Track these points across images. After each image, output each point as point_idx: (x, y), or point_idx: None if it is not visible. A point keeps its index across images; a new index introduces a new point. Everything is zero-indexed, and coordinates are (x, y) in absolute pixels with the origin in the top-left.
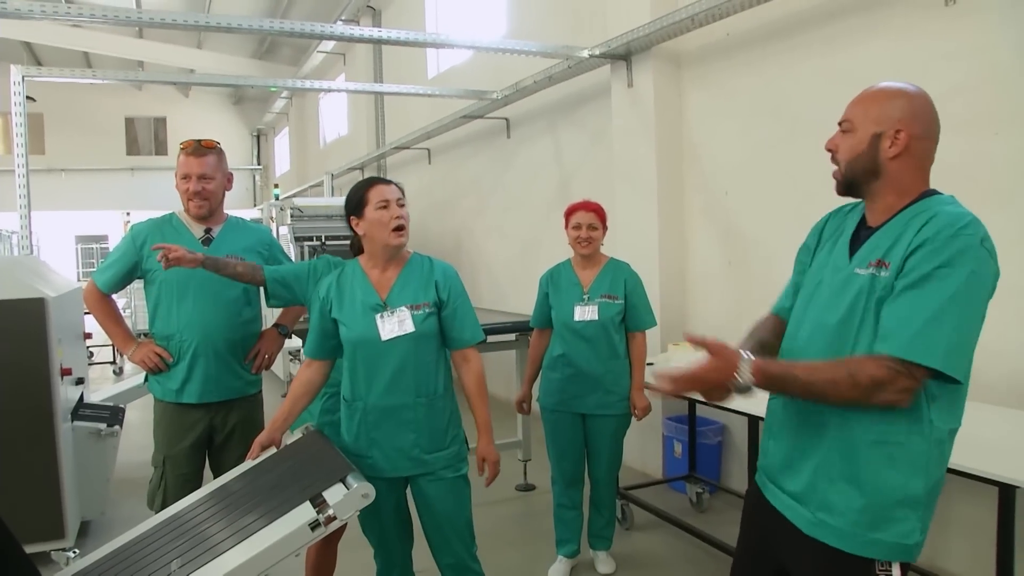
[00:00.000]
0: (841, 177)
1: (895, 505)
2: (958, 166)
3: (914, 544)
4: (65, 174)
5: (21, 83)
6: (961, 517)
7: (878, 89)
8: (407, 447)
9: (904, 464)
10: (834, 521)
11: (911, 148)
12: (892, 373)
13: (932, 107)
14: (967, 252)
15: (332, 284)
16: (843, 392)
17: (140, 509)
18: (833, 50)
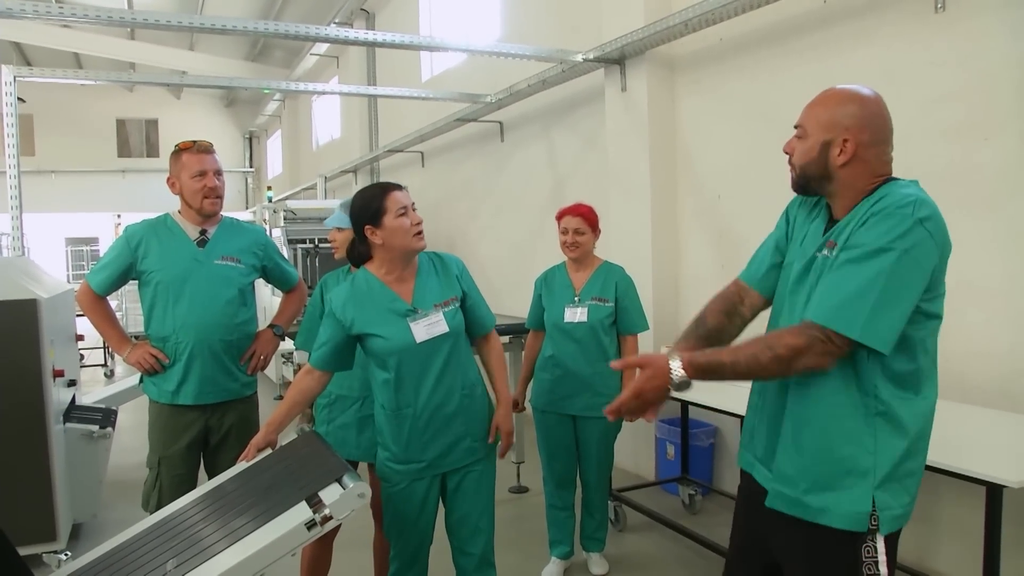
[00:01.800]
0: (795, 178)
1: (843, 474)
2: (948, 172)
3: (867, 513)
4: (55, 176)
5: (12, 83)
6: (949, 517)
7: (830, 94)
8: (460, 439)
9: (851, 435)
10: (789, 491)
11: (860, 155)
12: (810, 340)
13: (883, 112)
14: (905, 232)
15: (347, 302)
16: (765, 364)
17: (132, 511)
18: (824, 56)
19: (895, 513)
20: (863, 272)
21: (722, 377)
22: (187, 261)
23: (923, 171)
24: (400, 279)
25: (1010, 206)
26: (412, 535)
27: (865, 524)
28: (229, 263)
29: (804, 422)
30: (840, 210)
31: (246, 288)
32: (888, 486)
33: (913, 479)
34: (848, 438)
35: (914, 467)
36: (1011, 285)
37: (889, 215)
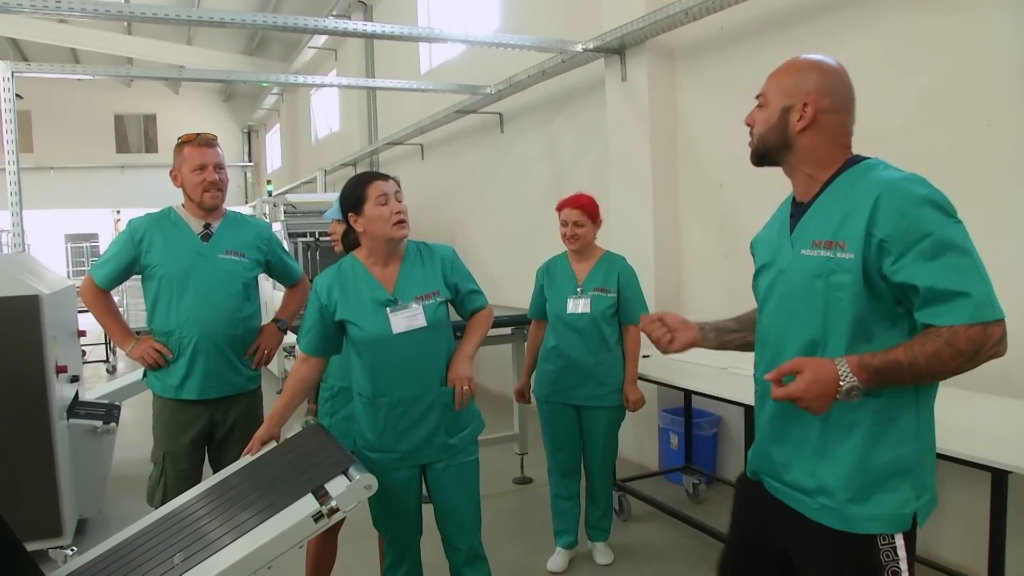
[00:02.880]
0: (753, 147)
1: (885, 477)
2: (950, 158)
3: (910, 512)
4: (54, 172)
5: (10, 79)
6: (954, 504)
7: (791, 62)
8: (434, 434)
9: (892, 435)
10: (833, 503)
11: (820, 121)
12: (981, 332)
13: (845, 80)
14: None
15: (332, 285)
16: (948, 361)
17: (137, 506)
18: (826, 43)
19: (923, 503)
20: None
21: (899, 380)
22: (191, 255)
23: (925, 157)
24: (384, 267)
25: (1013, 192)
26: (398, 526)
27: (908, 524)
28: (233, 257)
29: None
30: (801, 188)
31: (250, 282)
32: (921, 481)
33: (933, 467)
34: (900, 438)
35: (933, 450)
36: (1014, 271)
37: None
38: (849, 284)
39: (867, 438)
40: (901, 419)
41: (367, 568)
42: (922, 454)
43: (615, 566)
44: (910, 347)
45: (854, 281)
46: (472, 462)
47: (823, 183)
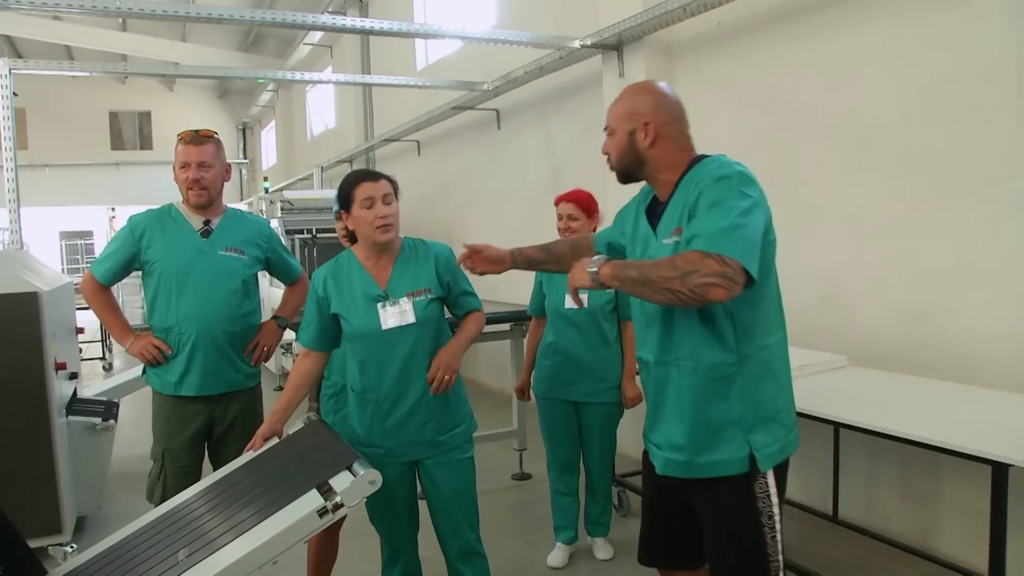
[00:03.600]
0: (616, 172)
1: (720, 428)
2: (949, 153)
3: (746, 455)
4: (49, 169)
5: (8, 76)
6: (953, 497)
7: (624, 92)
8: (421, 431)
9: (721, 393)
10: (680, 456)
11: (662, 133)
12: (702, 257)
13: (669, 95)
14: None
15: (328, 278)
16: (662, 268)
17: (136, 503)
18: (824, 39)
19: (771, 450)
20: (728, 214)
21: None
22: (191, 252)
23: (923, 153)
24: (378, 263)
25: (1011, 187)
26: (392, 523)
27: (747, 465)
28: (233, 254)
29: (683, 391)
30: (661, 189)
31: (249, 279)
32: (761, 427)
33: (785, 414)
34: (720, 395)
35: (782, 404)
36: (1013, 266)
37: (721, 178)
38: None
39: (695, 398)
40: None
41: (369, 564)
42: (753, 404)
43: (615, 561)
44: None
45: None
46: (465, 460)
47: (675, 183)
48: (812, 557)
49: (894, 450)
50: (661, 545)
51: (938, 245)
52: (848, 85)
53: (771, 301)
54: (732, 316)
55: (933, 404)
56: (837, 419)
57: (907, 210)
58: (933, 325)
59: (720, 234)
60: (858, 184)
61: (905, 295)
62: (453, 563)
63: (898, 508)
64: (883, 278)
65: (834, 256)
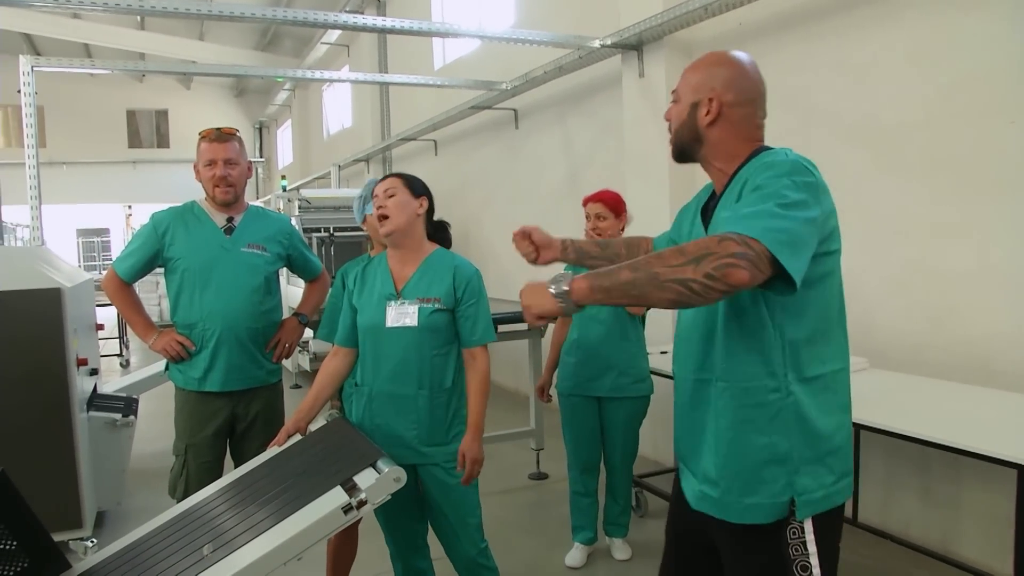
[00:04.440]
0: (672, 144)
1: (761, 466)
2: (972, 155)
3: (787, 501)
4: (67, 167)
5: (30, 73)
6: (974, 501)
7: (701, 59)
8: (407, 436)
9: (762, 424)
10: (713, 492)
11: (725, 114)
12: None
13: (752, 74)
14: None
15: (358, 273)
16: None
17: (155, 499)
18: (847, 40)
19: (815, 496)
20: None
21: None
22: (214, 248)
23: (947, 154)
24: (403, 264)
25: None
26: (393, 521)
27: (786, 511)
28: (255, 251)
29: (720, 416)
30: (716, 180)
31: (271, 276)
32: (807, 469)
33: (835, 457)
34: (761, 426)
35: (837, 443)
36: None
37: (770, 165)
38: None
39: (732, 425)
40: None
41: (387, 562)
42: (810, 442)
43: (633, 562)
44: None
45: None
46: (456, 485)
47: (730, 176)
48: None
49: (914, 453)
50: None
51: (960, 247)
52: (871, 87)
53: (831, 322)
54: (781, 331)
55: (954, 407)
56: (857, 421)
57: (929, 212)
58: (955, 327)
59: (748, 216)
60: (880, 185)
61: (927, 297)
62: (460, 573)
63: (918, 511)
64: (905, 280)
65: (855, 258)
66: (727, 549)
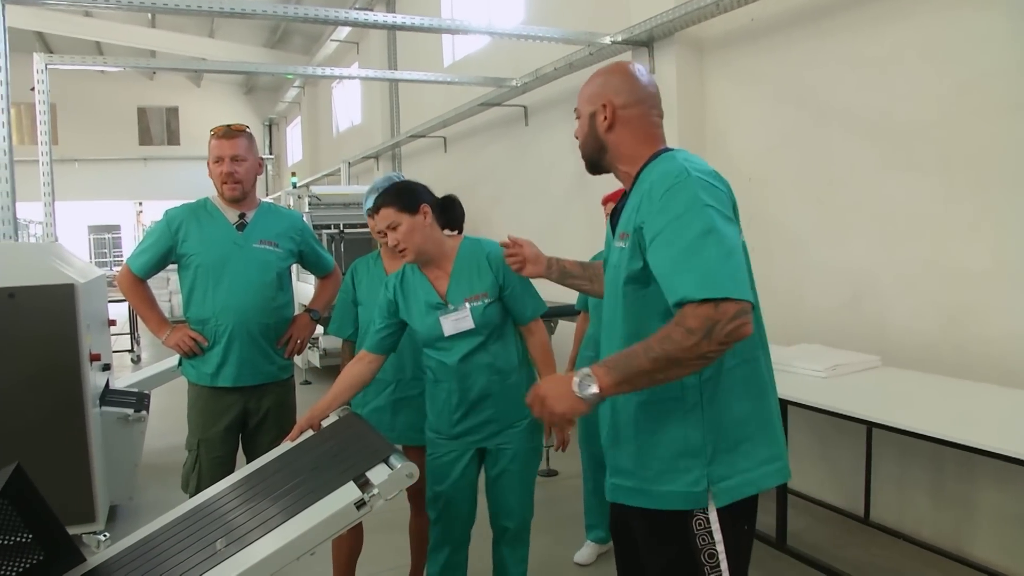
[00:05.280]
0: (583, 159)
1: (674, 456)
2: (987, 152)
3: (703, 491)
4: (78, 164)
5: (44, 71)
6: (988, 501)
7: (591, 75)
8: (487, 423)
9: (677, 417)
10: (626, 482)
11: (620, 117)
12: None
13: (636, 77)
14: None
15: (397, 285)
16: (680, 341)
17: (166, 494)
18: (860, 36)
19: (730, 484)
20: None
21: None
22: (227, 244)
23: (961, 151)
24: (435, 270)
25: None
26: (446, 507)
27: (703, 501)
28: (267, 247)
29: (632, 415)
30: (626, 185)
31: (283, 272)
32: (722, 458)
33: (753, 444)
34: (677, 418)
35: (749, 432)
36: None
37: (669, 190)
38: (633, 274)
39: (647, 418)
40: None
41: (398, 557)
42: (718, 434)
43: None
44: (645, 340)
45: (634, 271)
46: (531, 449)
47: (633, 178)
48: (843, 559)
49: (928, 452)
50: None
51: (975, 245)
52: (884, 83)
53: None
54: None
55: (968, 405)
56: (870, 419)
57: (943, 209)
58: (969, 326)
59: (707, 274)
60: (893, 182)
61: (941, 295)
62: (499, 545)
63: (931, 511)
64: (918, 278)
65: (868, 255)
66: (641, 541)
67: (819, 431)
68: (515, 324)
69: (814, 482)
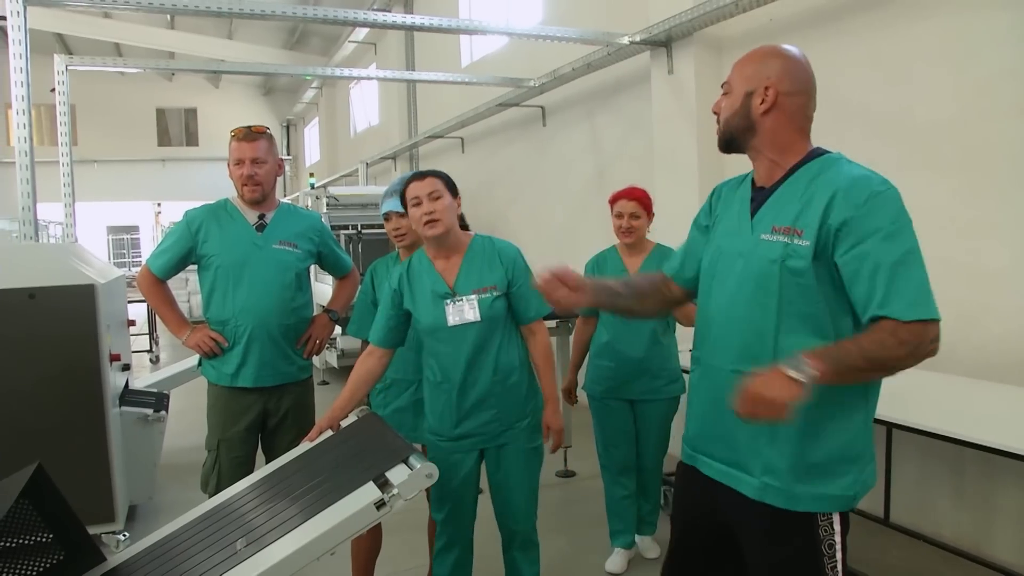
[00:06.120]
0: (720, 133)
1: (837, 461)
2: (1007, 151)
3: (855, 495)
4: (98, 165)
5: (65, 73)
6: (1009, 502)
7: (754, 51)
8: (489, 422)
9: (843, 419)
10: (777, 483)
11: (780, 104)
12: (921, 328)
13: (806, 67)
14: (897, 208)
15: (403, 275)
16: (892, 349)
17: (185, 494)
18: (880, 35)
19: (865, 488)
20: (901, 258)
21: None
22: (246, 245)
23: (980, 151)
24: (446, 261)
25: None
26: (454, 510)
27: (852, 504)
28: (287, 248)
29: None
30: (763, 172)
31: (302, 273)
32: (866, 465)
33: (873, 452)
34: (841, 423)
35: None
36: None
37: (875, 196)
38: (803, 270)
39: (816, 422)
40: (849, 406)
41: (416, 558)
42: (868, 439)
43: (662, 560)
44: (858, 339)
45: (807, 267)
46: (532, 449)
47: (786, 170)
48: (862, 561)
49: (948, 453)
50: None
51: (993, 244)
52: (904, 82)
53: None
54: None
55: (988, 406)
56: (890, 419)
57: (962, 208)
58: (989, 325)
59: (919, 296)
60: (912, 182)
61: (960, 295)
62: (511, 551)
63: (951, 512)
64: (937, 277)
65: None
66: (756, 537)
67: None
68: (517, 324)
69: None
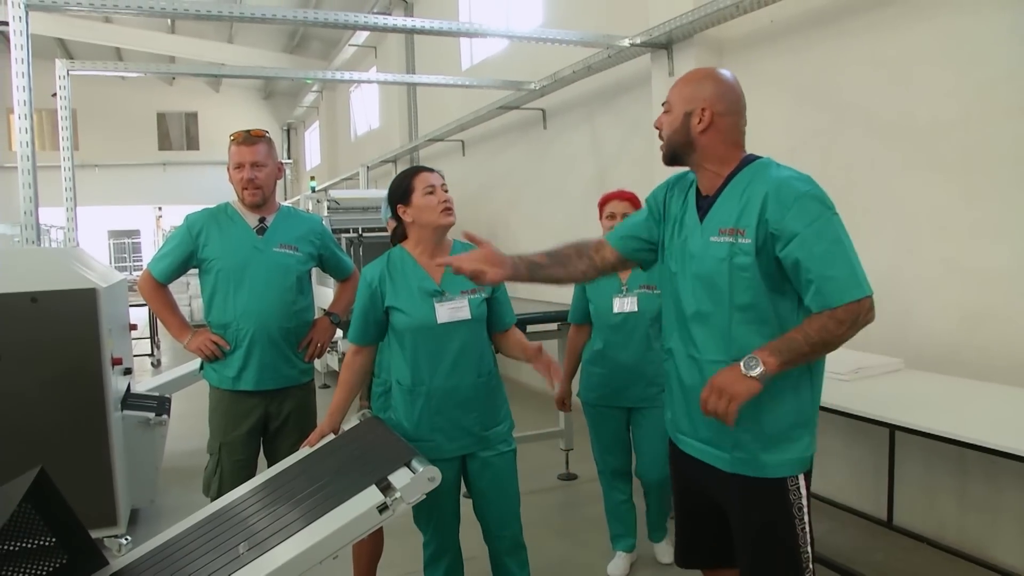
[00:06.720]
0: (664, 149)
1: (792, 426)
2: (1009, 152)
3: (811, 454)
4: (99, 169)
5: (66, 77)
6: (1013, 504)
7: (690, 74)
8: (469, 425)
9: (793, 393)
10: (746, 455)
11: (716, 123)
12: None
13: (737, 89)
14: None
15: (383, 272)
16: (833, 330)
17: (187, 497)
18: (881, 37)
19: (815, 450)
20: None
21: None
22: (247, 249)
23: (983, 152)
24: (431, 259)
25: None
26: (438, 519)
27: (810, 464)
28: (287, 251)
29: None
30: (706, 182)
31: (303, 276)
32: (813, 428)
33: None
34: (796, 391)
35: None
36: None
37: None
38: (749, 264)
39: (772, 398)
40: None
41: (416, 563)
42: (815, 405)
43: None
44: (802, 328)
45: (751, 262)
46: (510, 453)
47: (724, 178)
48: (866, 564)
49: (951, 455)
50: (700, 544)
51: (997, 246)
52: (905, 83)
53: None
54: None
55: (992, 408)
56: (893, 421)
57: (965, 210)
58: (992, 327)
59: (849, 280)
60: (914, 183)
61: (963, 297)
62: (500, 557)
63: (955, 514)
64: (940, 279)
65: (889, 256)
66: (738, 503)
67: (842, 434)
68: (493, 331)
69: (836, 486)
